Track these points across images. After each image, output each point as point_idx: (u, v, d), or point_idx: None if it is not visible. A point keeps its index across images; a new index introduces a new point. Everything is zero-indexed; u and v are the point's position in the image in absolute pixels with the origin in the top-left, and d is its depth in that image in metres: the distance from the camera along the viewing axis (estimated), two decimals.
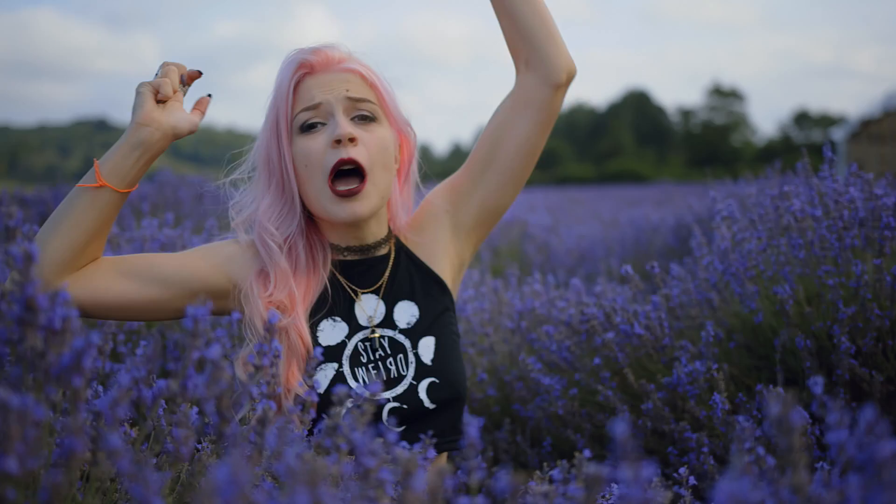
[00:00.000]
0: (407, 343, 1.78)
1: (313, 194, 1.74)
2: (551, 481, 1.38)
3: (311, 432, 1.33)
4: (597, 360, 2.28)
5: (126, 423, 1.27)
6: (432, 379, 1.75)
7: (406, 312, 1.81)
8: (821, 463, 1.11)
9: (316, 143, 1.72)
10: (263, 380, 1.19)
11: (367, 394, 1.06)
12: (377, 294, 1.82)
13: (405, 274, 1.85)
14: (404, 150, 1.89)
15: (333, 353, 1.73)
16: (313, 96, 1.74)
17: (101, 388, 1.26)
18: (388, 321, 1.80)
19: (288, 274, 1.74)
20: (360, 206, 1.72)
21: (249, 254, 1.79)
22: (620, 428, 0.66)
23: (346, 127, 1.71)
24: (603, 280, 3.36)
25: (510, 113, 1.87)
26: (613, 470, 0.73)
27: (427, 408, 1.73)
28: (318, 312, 1.76)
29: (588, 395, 2.35)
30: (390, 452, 0.93)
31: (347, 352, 1.74)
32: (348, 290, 1.81)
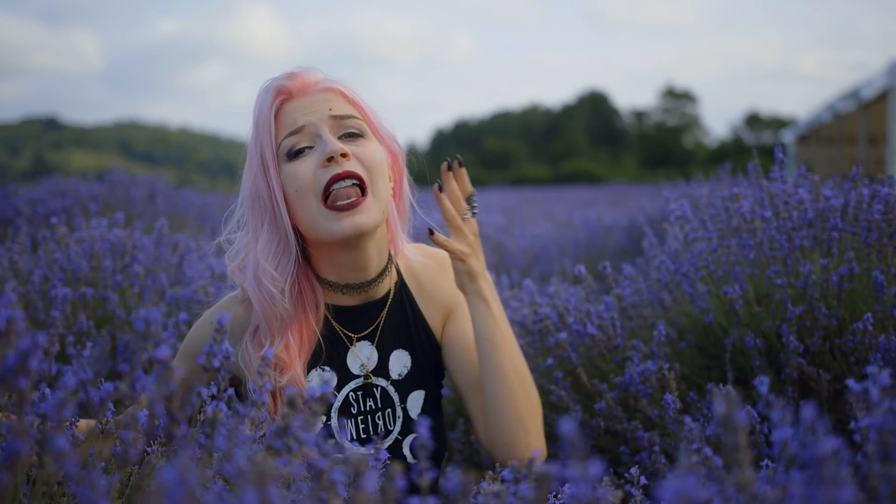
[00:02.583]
0: (396, 397, 1.71)
1: (308, 218, 1.62)
2: (503, 481, 1.38)
3: None
4: (550, 361, 2.30)
5: (74, 426, 1.26)
6: (417, 434, 1.70)
7: (399, 363, 1.75)
8: (766, 461, 1.12)
9: (305, 166, 1.61)
10: (214, 382, 1.18)
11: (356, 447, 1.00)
12: (371, 340, 1.73)
13: (401, 319, 1.77)
14: (395, 168, 1.79)
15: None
16: (296, 120, 1.64)
17: (48, 391, 1.24)
18: (381, 369, 1.73)
19: (288, 323, 1.63)
20: (363, 217, 1.60)
21: (240, 315, 1.68)
22: (567, 426, 0.67)
23: (335, 143, 1.61)
24: (556, 280, 3.38)
25: (464, 393, 1.80)
26: (563, 469, 0.73)
27: (409, 463, 1.68)
28: (310, 362, 1.68)
29: (541, 394, 2.36)
30: (342, 453, 0.92)
31: (337, 404, 1.67)
32: (342, 335, 1.72)
